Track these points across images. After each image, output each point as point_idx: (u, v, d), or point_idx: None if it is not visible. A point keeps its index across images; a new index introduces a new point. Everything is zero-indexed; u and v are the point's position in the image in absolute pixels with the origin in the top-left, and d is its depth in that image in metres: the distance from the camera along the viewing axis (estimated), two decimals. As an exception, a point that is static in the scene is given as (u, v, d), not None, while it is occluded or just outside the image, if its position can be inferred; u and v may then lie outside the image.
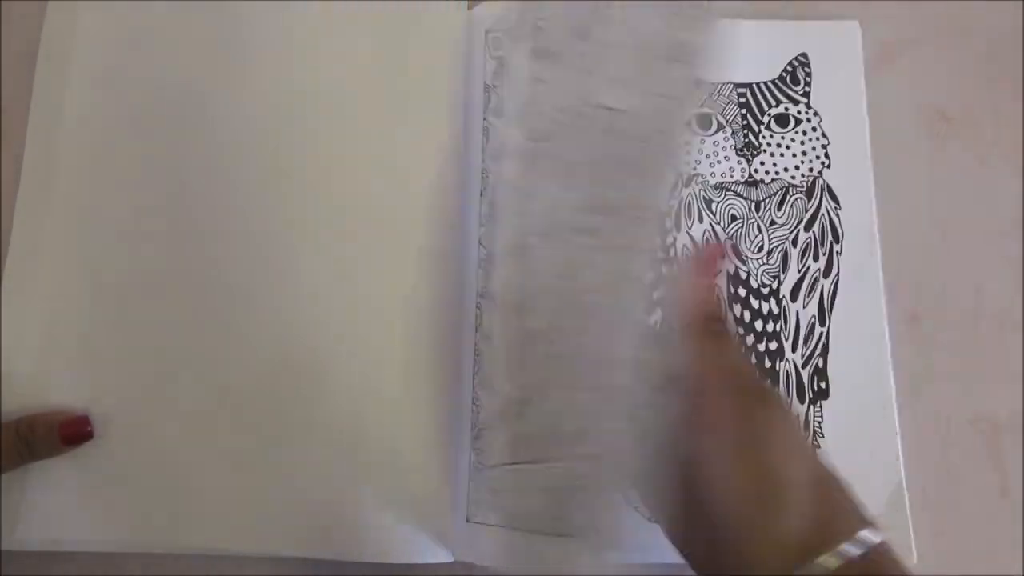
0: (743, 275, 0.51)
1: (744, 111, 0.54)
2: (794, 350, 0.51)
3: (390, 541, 0.46)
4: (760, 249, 0.52)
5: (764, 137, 0.54)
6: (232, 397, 0.48)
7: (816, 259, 0.52)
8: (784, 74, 0.55)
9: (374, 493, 0.46)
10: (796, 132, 0.54)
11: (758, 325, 0.51)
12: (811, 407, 0.50)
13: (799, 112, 0.54)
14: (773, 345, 0.51)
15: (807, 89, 0.55)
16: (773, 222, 0.52)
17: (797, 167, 0.53)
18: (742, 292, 0.51)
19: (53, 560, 0.46)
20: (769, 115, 0.54)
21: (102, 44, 0.53)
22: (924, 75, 0.57)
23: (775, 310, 0.51)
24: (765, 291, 0.51)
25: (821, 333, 0.51)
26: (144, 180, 0.51)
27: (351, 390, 0.48)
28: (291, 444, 0.47)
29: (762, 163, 0.53)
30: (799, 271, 0.52)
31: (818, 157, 0.54)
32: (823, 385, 0.50)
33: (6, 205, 0.51)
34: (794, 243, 0.52)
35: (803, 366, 0.50)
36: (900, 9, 0.58)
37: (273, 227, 0.50)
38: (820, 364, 0.51)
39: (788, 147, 0.54)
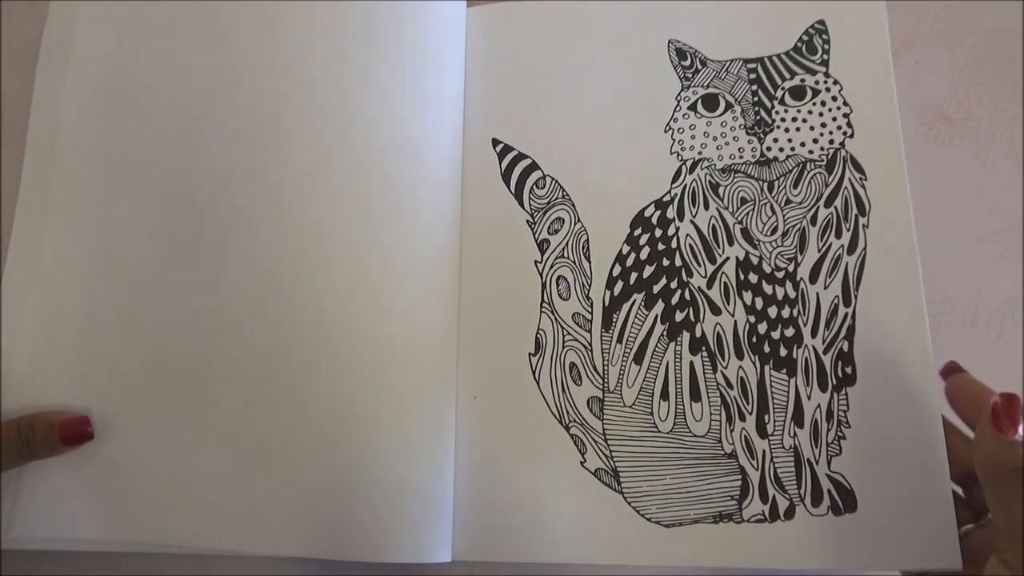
0: (754, 260, 0.49)
1: (755, 87, 0.52)
2: (814, 335, 0.48)
3: (389, 541, 0.45)
4: (774, 231, 0.49)
5: (778, 112, 0.51)
6: (231, 397, 0.48)
7: (839, 235, 0.49)
8: (799, 44, 0.52)
9: (373, 493, 0.46)
10: (814, 103, 0.51)
11: (772, 312, 0.48)
12: (835, 395, 0.47)
13: (817, 82, 0.51)
14: (789, 332, 0.48)
15: (826, 58, 0.52)
16: (788, 201, 0.50)
17: (815, 140, 0.50)
18: (753, 278, 0.49)
19: (52, 560, 0.47)
20: (783, 88, 0.51)
21: (102, 44, 0.54)
22: (924, 75, 0.57)
23: (791, 294, 0.48)
24: (780, 275, 0.49)
25: (846, 314, 0.48)
26: (144, 180, 0.51)
27: (351, 391, 0.47)
28: (291, 444, 0.47)
29: (775, 140, 0.50)
30: (819, 250, 0.49)
31: (839, 127, 0.51)
32: (849, 370, 0.47)
33: (6, 205, 0.52)
34: (813, 221, 0.49)
35: (825, 351, 0.48)
36: (900, 9, 0.57)
37: (272, 227, 0.50)
38: (845, 348, 0.48)
39: (805, 120, 0.51)
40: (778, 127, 0.51)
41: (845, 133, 0.51)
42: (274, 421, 0.47)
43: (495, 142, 0.53)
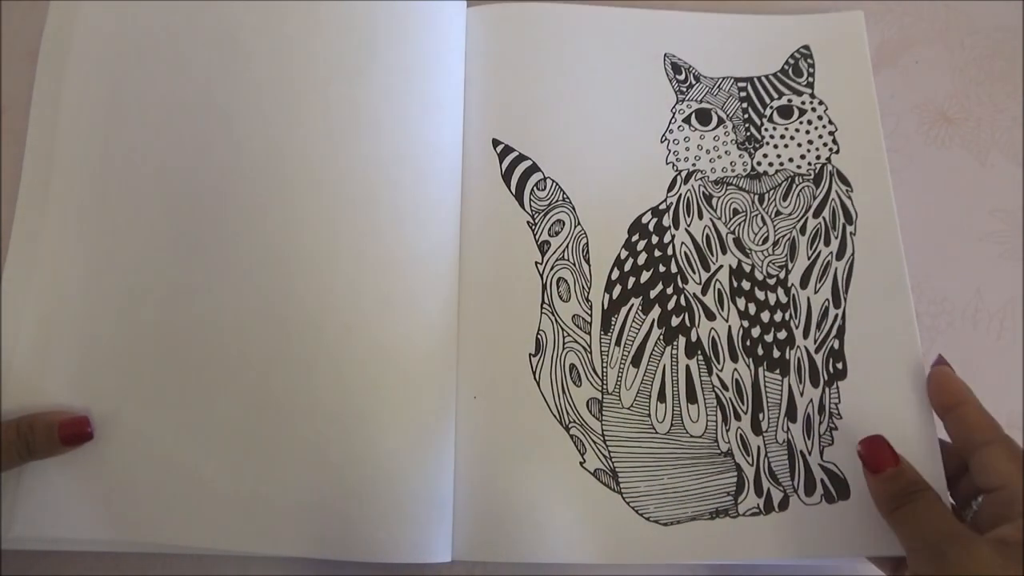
0: (747, 268, 0.50)
1: (745, 105, 0.54)
2: (806, 336, 0.50)
3: (389, 541, 0.45)
4: (765, 241, 0.51)
5: (767, 129, 0.53)
6: (232, 397, 0.47)
7: (828, 243, 0.51)
8: (786, 67, 0.55)
9: (373, 493, 0.46)
10: (801, 122, 0.53)
11: (764, 316, 0.50)
12: (827, 389, 0.49)
13: (803, 102, 0.54)
14: (782, 335, 0.50)
15: (811, 80, 0.54)
16: (779, 212, 0.52)
17: (803, 156, 0.53)
18: (746, 285, 0.50)
19: (52, 560, 0.47)
20: (771, 107, 0.54)
21: (103, 44, 0.53)
22: (924, 75, 0.57)
23: (783, 299, 0.50)
24: (771, 281, 0.50)
25: (836, 315, 0.50)
26: (144, 180, 0.51)
27: (351, 391, 0.47)
28: (291, 444, 0.47)
29: (765, 155, 0.53)
30: (809, 257, 0.51)
31: (825, 144, 0.53)
32: (840, 366, 0.49)
33: (6, 205, 0.51)
34: (802, 231, 0.51)
35: (817, 350, 0.49)
36: (900, 9, 0.58)
37: (270, 228, 0.50)
38: (836, 346, 0.49)
39: (793, 137, 0.53)
40: (767, 143, 0.53)
41: (831, 149, 0.53)
42: (274, 421, 0.47)
43: (495, 142, 0.53)
